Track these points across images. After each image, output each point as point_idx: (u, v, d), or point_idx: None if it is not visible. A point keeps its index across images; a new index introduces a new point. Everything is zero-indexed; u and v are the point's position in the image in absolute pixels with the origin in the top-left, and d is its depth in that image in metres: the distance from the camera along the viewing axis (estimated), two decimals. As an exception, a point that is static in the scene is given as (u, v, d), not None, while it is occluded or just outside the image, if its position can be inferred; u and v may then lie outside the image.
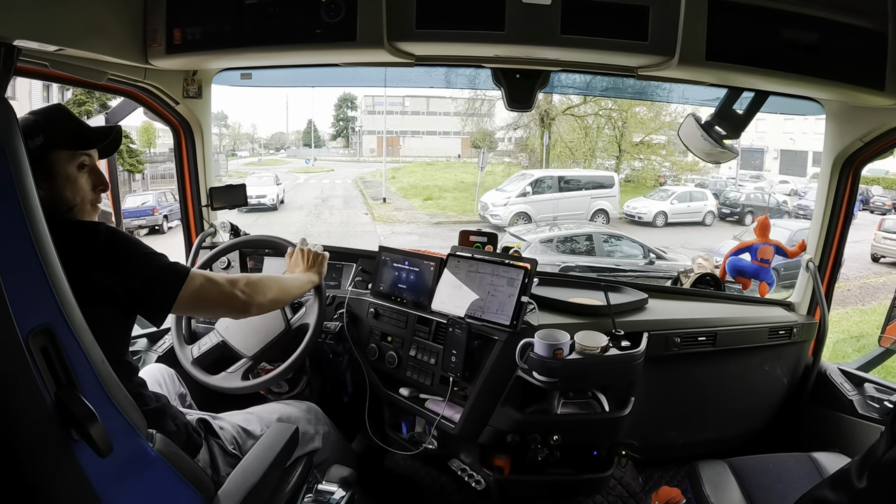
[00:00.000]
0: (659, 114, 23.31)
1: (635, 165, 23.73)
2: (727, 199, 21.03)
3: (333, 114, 39.31)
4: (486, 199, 19.55)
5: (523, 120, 23.68)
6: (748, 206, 20.29)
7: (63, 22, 1.89)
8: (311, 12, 2.09)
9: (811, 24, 1.99)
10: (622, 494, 2.86)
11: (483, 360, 2.39)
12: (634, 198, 20.81)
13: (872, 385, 2.80)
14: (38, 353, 1.11)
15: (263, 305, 2.00)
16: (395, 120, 33.29)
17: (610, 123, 23.01)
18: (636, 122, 23.06)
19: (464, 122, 25.83)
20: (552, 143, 22.86)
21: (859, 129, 2.55)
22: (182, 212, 3.19)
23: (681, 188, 21.03)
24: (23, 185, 1.10)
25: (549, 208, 18.11)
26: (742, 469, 2.14)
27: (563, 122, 23.18)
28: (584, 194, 19.13)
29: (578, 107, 22.44)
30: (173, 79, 2.77)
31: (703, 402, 2.93)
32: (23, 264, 1.11)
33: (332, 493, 2.02)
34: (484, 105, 24.27)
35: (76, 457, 1.18)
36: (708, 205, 20.14)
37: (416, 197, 23.14)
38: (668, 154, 23.87)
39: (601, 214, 19.08)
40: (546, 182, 19.19)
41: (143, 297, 1.68)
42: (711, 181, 23.81)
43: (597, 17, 2.03)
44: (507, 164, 24.43)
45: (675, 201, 19.85)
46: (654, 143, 23.56)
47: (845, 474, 1.39)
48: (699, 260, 8.18)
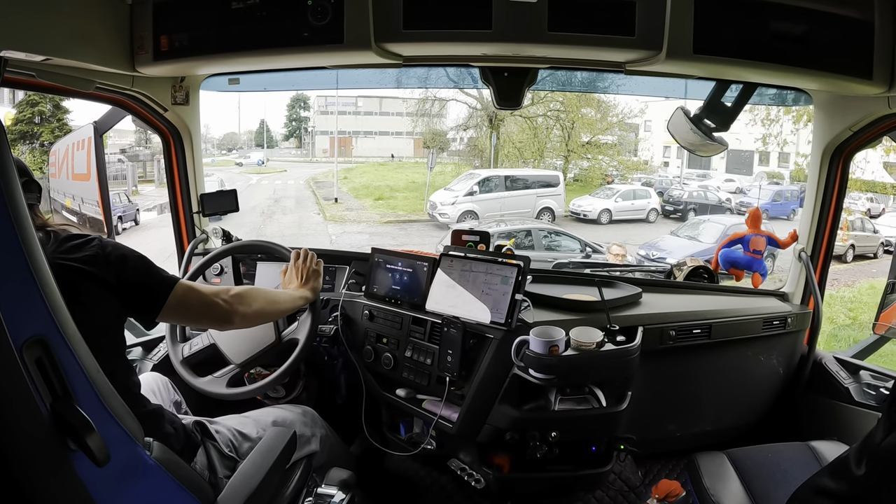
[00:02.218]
0: (606, 115, 23.75)
1: (583, 165, 24.00)
2: (670, 196, 21.51)
3: (286, 114, 38.87)
4: (434, 198, 19.85)
5: (473, 121, 23.86)
6: (691, 203, 20.78)
7: (49, 32, 1.89)
8: (298, 16, 2.09)
9: (798, 16, 2.00)
10: (622, 489, 2.86)
11: (479, 358, 2.39)
12: (581, 196, 21.26)
13: (868, 372, 2.81)
14: (32, 364, 1.10)
15: (248, 316, 1.98)
16: (349, 120, 32.94)
17: (559, 124, 23.27)
18: (584, 123, 23.35)
19: (414, 122, 25.83)
20: (501, 144, 23.12)
21: (848, 119, 2.56)
22: (173, 219, 3.18)
23: (625, 187, 21.47)
24: (11, 194, 1.09)
25: (495, 206, 18.55)
26: (741, 460, 2.14)
27: (513, 122, 23.43)
28: (530, 193, 19.54)
29: (528, 108, 22.52)
30: (161, 86, 2.76)
31: (700, 395, 2.94)
32: (14, 274, 1.10)
33: (332, 495, 2.02)
34: (434, 105, 24.30)
35: (74, 467, 1.17)
36: (651, 202, 20.62)
37: (367, 197, 23.29)
38: (615, 154, 24.35)
39: (547, 212, 19.45)
40: (493, 181, 19.60)
41: (133, 304, 1.68)
42: (658, 180, 24.22)
43: (583, 13, 2.04)
44: (457, 163, 24.54)
45: (620, 199, 20.32)
46: (602, 144, 23.95)
47: (844, 462, 1.39)
48: (614, 248, 8.42)
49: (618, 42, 2.08)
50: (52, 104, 19.46)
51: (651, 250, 14.57)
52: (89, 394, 1.23)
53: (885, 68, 2.05)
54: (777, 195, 20.67)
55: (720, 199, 21.71)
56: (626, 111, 24.16)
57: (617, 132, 24.59)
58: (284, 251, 2.56)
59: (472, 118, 23.80)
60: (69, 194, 3.24)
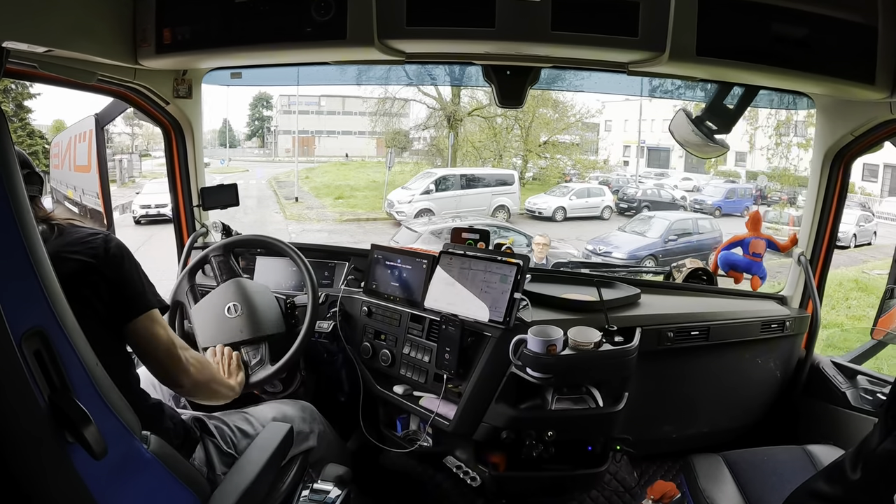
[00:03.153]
0: (564, 115, 24.05)
1: (541, 164, 24.27)
2: (625, 194, 22.01)
3: (248, 113, 38.31)
4: (392, 196, 20.15)
5: (432, 120, 23.99)
6: (645, 201, 21.18)
7: (52, 23, 1.88)
8: (301, 11, 2.09)
9: (801, 19, 2.00)
10: (617, 489, 2.87)
11: (476, 356, 2.40)
12: (537, 194, 21.61)
13: (865, 377, 2.81)
14: (31, 356, 1.10)
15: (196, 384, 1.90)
16: (311, 120, 32.64)
17: (518, 124, 23.46)
18: (542, 123, 23.63)
19: (373, 122, 25.85)
20: (460, 144, 23.29)
21: (850, 123, 2.56)
22: (173, 212, 3.18)
23: (579, 185, 21.87)
24: (13, 186, 1.09)
25: (451, 205, 18.93)
26: (736, 462, 2.15)
27: (472, 122, 23.63)
28: (486, 191, 19.93)
29: (487, 108, 22.83)
30: (163, 79, 2.76)
31: (697, 397, 2.94)
32: (14, 267, 1.10)
33: (328, 491, 2.03)
34: (395, 105, 24.33)
35: (71, 459, 1.18)
36: (605, 200, 21.04)
37: (328, 196, 23.37)
38: (572, 153, 24.65)
39: (502, 210, 19.84)
40: (450, 180, 20.01)
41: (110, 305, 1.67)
42: (615, 178, 24.65)
43: (587, 13, 2.03)
44: (418, 163, 24.62)
45: (574, 197, 20.70)
46: (560, 143, 24.24)
47: (839, 466, 1.40)
48: (537, 238, 8.58)
49: (621, 43, 2.07)
50: (14, 104, 19.32)
51: (599, 245, 15.31)
52: (87, 387, 1.23)
53: (888, 73, 2.04)
54: (730, 192, 21.32)
55: (674, 196, 22.26)
56: (584, 111, 24.66)
57: (578, 132, 25.03)
58: (284, 247, 2.56)
59: (431, 118, 23.98)
60: (71, 185, 3.24)
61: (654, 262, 14.78)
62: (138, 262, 1.73)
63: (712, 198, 21.48)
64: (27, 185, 1.17)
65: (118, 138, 26.47)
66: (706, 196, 21.94)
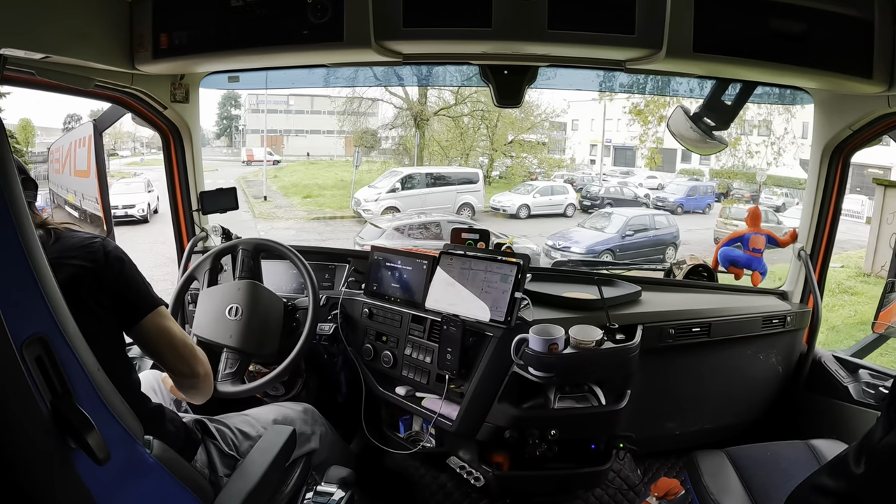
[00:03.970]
0: (529, 114, 24.09)
1: (507, 163, 24.48)
2: (588, 192, 22.34)
3: (217, 112, 37.84)
4: (359, 195, 20.33)
5: (399, 120, 24.09)
6: (607, 198, 21.48)
7: (49, 30, 1.89)
8: (298, 13, 2.08)
9: (798, 14, 1.99)
10: (621, 487, 2.87)
11: (478, 356, 2.40)
12: (502, 192, 21.90)
13: (867, 371, 2.81)
14: (32, 362, 1.10)
15: (206, 379, 1.92)
16: (280, 119, 32.41)
17: (484, 123, 23.62)
18: (508, 123, 23.75)
19: (341, 121, 25.87)
20: (426, 143, 23.47)
21: (848, 118, 2.56)
22: (173, 216, 3.18)
23: (543, 183, 22.17)
24: (12, 193, 1.09)
25: (417, 203, 19.09)
26: (740, 458, 2.15)
27: (439, 122, 23.78)
28: (451, 189, 20.16)
29: (453, 107, 23.06)
30: (161, 83, 2.76)
31: (699, 393, 2.94)
32: (14, 274, 1.10)
33: (332, 493, 2.02)
34: (362, 104, 24.40)
35: (74, 465, 1.18)
36: (569, 198, 21.36)
37: (296, 195, 23.46)
38: (538, 152, 24.75)
39: (467, 208, 20.06)
40: (415, 178, 20.23)
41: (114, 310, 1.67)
42: (581, 177, 25.11)
43: (584, 11, 2.03)
44: (386, 162, 24.70)
45: (538, 195, 20.94)
46: (526, 142, 24.36)
47: (843, 461, 1.39)
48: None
49: (618, 40, 2.07)
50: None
51: (558, 240, 15.73)
52: (89, 392, 1.23)
53: (885, 67, 2.04)
54: (692, 190, 21.79)
55: (636, 194, 22.55)
56: (550, 110, 24.76)
57: (546, 131, 25.27)
58: (285, 250, 2.56)
59: (398, 118, 24.09)
60: (71, 190, 3.26)
61: (612, 256, 15.40)
62: (135, 267, 1.73)
63: (674, 195, 21.92)
64: (24, 191, 1.17)
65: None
66: (668, 194, 22.43)
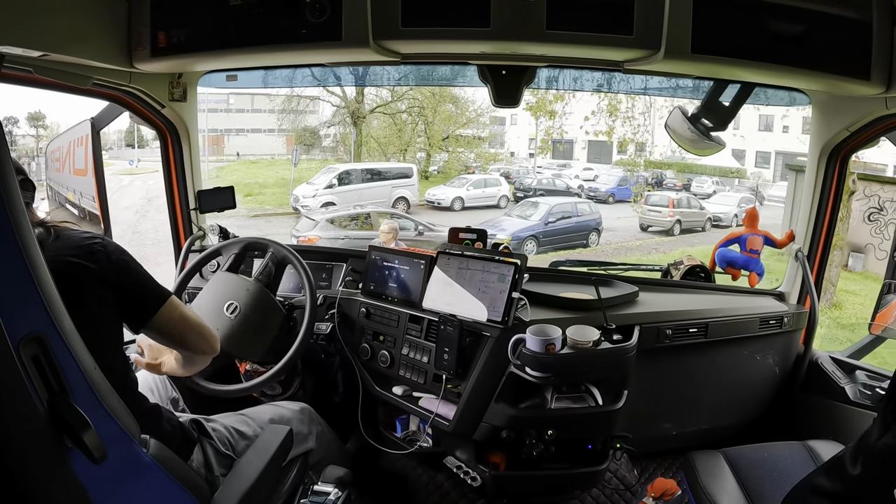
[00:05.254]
0: (465, 110, 24.42)
1: (444, 158, 24.82)
2: (521, 184, 23.31)
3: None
4: (297, 192, 20.66)
5: (337, 118, 24.32)
6: (540, 189, 22.14)
7: (47, 28, 1.89)
8: (296, 12, 2.09)
9: (796, 16, 2.00)
10: (618, 487, 2.87)
11: (475, 356, 2.40)
12: (437, 186, 22.41)
13: (864, 372, 2.81)
14: (29, 361, 1.10)
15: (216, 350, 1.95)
16: (220, 118, 32.23)
17: (421, 119, 23.92)
18: (444, 119, 24.05)
19: (280, 119, 25.92)
20: (364, 140, 23.85)
21: (845, 119, 2.56)
22: (170, 215, 3.18)
23: (476, 176, 22.72)
24: (9, 192, 1.08)
25: (354, 197, 19.45)
26: (737, 459, 2.15)
27: (378, 119, 24.15)
28: (387, 184, 20.63)
29: (390, 104, 23.37)
30: (158, 82, 2.76)
31: (696, 394, 2.94)
32: (11, 272, 1.10)
33: (328, 493, 2.03)
34: (301, 103, 24.51)
35: (70, 464, 1.17)
36: (502, 190, 21.94)
37: (238, 194, 23.44)
38: (474, 146, 25.10)
39: (402, 201, 20.47)
40: (352, 174, 20.62)
41: (124, 309, 1.68)
42: (517, 170, 25.86)
43: (582, 11, 2.04)
44: (326, 159, 24.87)
45: (471, 188, 21.48)
46: (462, 137, 24.69)
47: (839, 461, 1.40)
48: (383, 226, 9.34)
49: (616, 41, 2.08)
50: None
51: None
52: (86, 391, 1.23)
53: (883, 69, 2.05)
54: (622, 180, 22.28)
55: (568, 185, 23.37)
56: (486, 106, 24.60)
57: (484, 125, 25.66)
58: (282, 249, 2.55)
59: (336, 115, 24.30)
60: (71, 188, 3.27)
61: (536, 241, 16.15)
62: (138, 263, 1.74)
63: (606, 186, 22.80)
64: (21, 191, 1.16)
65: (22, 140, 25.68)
66: (600, 184, 23.32)
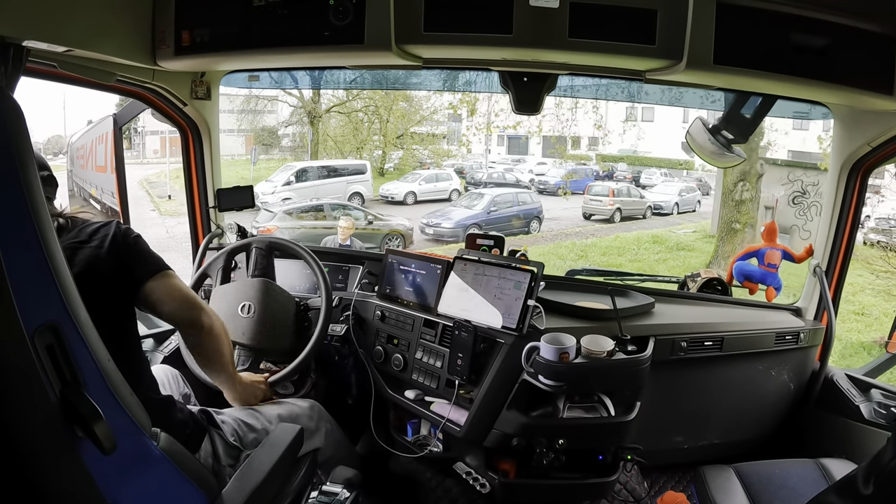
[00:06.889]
0: (419, 108, 24.92)
1: (399, 154, 25.41)
2: (472, 178, 24.85)
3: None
4: (256, 189, 20.54)
5: (295, 117, 24.79)
6: (490, 183, 23.84)
7: (72, 23, 1.90)
8: (320, 15, 2.09)
9: (819, 29, 1.99)
10: (627, 499, 2.85)
11: (489, 363, 2.40)
12: (390, 181, 23.14)
13: (879, 391, 2.78)
14: (43, 350, 1.11)
15: (214, 327, 1.94)
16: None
17: (377, 117, 24.38)
18: (399, 116, 24.57)
19: (239, 120, 26.08)
20: (321, 139, 24.31)
21: (867, 134, 2.54)
22: (189, 213, 3.21)
23: (428, 171, 23.40)
24: (29, 183, 1.10)
25: (310, 193, 20.02)
26: (748, 475, 2.13)
27: (335, 118, 24.60)
28: (342, 180, 21.27)
29: (346, 103, 23.84)
30: (181, 80, 2.78)
31: (709, 407, 2.92)
32: (29, 262, 1.11)
33: (336, 493, 2.02)
34: (259, 103, 24.77)
35: (80, 455, 1.18)
36: (453, 184, 22.64)
37: None
38: (427, 143, 25.72)
39: (357, 196, 21.01)
40: (309, 172, 21.24)
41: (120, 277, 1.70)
42: (470, 165, 26.75)
43: (605, 20, 2.03)
44: (283, 159, 25.39)
45: (423, 182, 22.17)
46: (416, 134, 25.34)
47: (851, 481, 1.38)
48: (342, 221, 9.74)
49: (638, 50, 2.07)
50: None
51: (431, 218, 17.75)
52: (98, 382, 1.24)
53: (906, 84, 2.03)
54: (571, 173, 22.92)
55: (518, 179, 24.88)
56: (440, 104, 25.13)
57: (439, 122, 26.06)
58: (300, 249, 2.57)
59: (293, 115, 24.79)
60: (94, 184, 3.32)
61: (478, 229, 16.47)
62: (142, 238, 1.79)
63: (555, 178, 23.32)
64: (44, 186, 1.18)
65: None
66: (550, 177, 24.12)
